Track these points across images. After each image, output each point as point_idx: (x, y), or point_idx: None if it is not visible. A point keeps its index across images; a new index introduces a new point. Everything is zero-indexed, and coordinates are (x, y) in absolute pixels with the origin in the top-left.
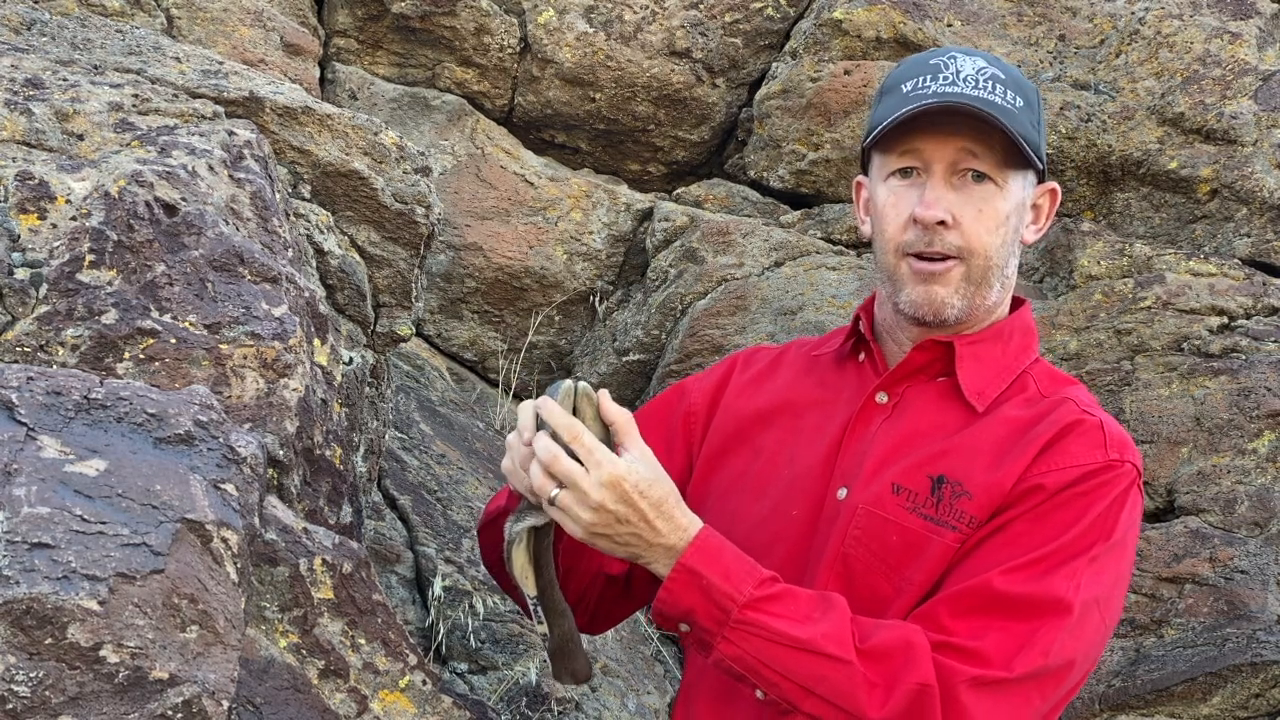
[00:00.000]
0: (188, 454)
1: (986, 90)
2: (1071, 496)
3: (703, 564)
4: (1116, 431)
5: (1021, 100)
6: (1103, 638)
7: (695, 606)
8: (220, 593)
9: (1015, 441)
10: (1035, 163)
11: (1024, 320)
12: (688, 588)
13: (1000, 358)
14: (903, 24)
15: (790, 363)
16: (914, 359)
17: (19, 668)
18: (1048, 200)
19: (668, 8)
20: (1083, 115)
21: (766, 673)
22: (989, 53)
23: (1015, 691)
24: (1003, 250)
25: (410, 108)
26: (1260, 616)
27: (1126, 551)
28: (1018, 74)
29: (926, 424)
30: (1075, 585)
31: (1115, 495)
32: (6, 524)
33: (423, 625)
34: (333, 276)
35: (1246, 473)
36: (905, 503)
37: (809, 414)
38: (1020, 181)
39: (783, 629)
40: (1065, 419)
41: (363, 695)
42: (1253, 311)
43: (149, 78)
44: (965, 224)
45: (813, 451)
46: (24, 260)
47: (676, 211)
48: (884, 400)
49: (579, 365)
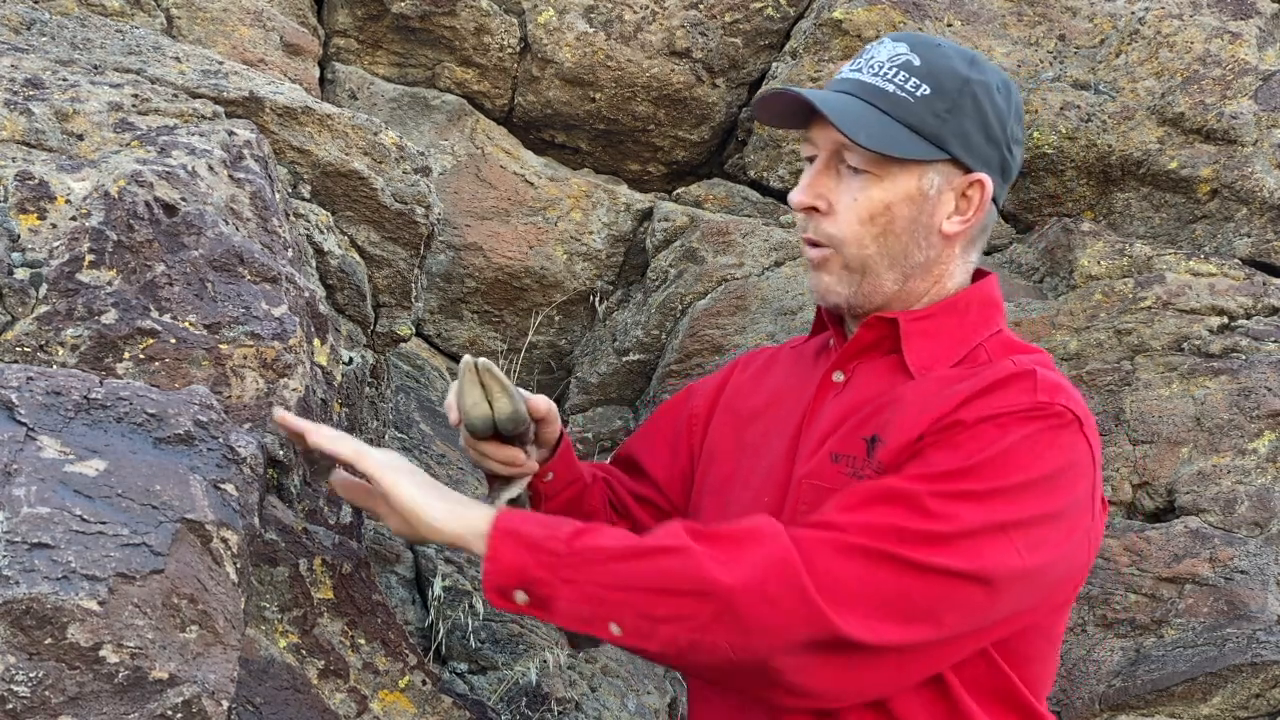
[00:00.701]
0: (188, 454)
1: (884, 77)
2: (988, 426)
3: (516, 523)
4: (1051, 380)
5: (929, 89)
6: (1016, 570)
7: (525, 561)
8: (220, 593)
9: (941, 390)
10: (928, 154)
11: (984, 292)
12: (512, 548)
13: (954, 330)
14: (903, 24)
15: (782, 360)
16: (862, 336)
17: (19, 668)
18: (978, 191)
19: (668, 8)
20: (1083, 115)
21: (614, 596)
22: (937, 37)
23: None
24: (886, 240)
25: (410, 108)
26: (1260, 616)
27: (1057, 491)
28: (948, 62)
29: (869, 393)
30: (982, 507)
31: (1038, 429)
32: (6, 524)
33: (423, 625)
34: (333, 276)
35: (1246, 473)
36: (845, 469)
37: (784, 404)
38: (917, 172)
39: (615, 544)
40: (999, 374)
41: (363, 695)
42: (1253, 311)
43: (149, 78)
44: (839, 212)
45: (782, 437)
46: (24, 260)
47: (676, 211)
48: (840, 379)
49: (579, 365)
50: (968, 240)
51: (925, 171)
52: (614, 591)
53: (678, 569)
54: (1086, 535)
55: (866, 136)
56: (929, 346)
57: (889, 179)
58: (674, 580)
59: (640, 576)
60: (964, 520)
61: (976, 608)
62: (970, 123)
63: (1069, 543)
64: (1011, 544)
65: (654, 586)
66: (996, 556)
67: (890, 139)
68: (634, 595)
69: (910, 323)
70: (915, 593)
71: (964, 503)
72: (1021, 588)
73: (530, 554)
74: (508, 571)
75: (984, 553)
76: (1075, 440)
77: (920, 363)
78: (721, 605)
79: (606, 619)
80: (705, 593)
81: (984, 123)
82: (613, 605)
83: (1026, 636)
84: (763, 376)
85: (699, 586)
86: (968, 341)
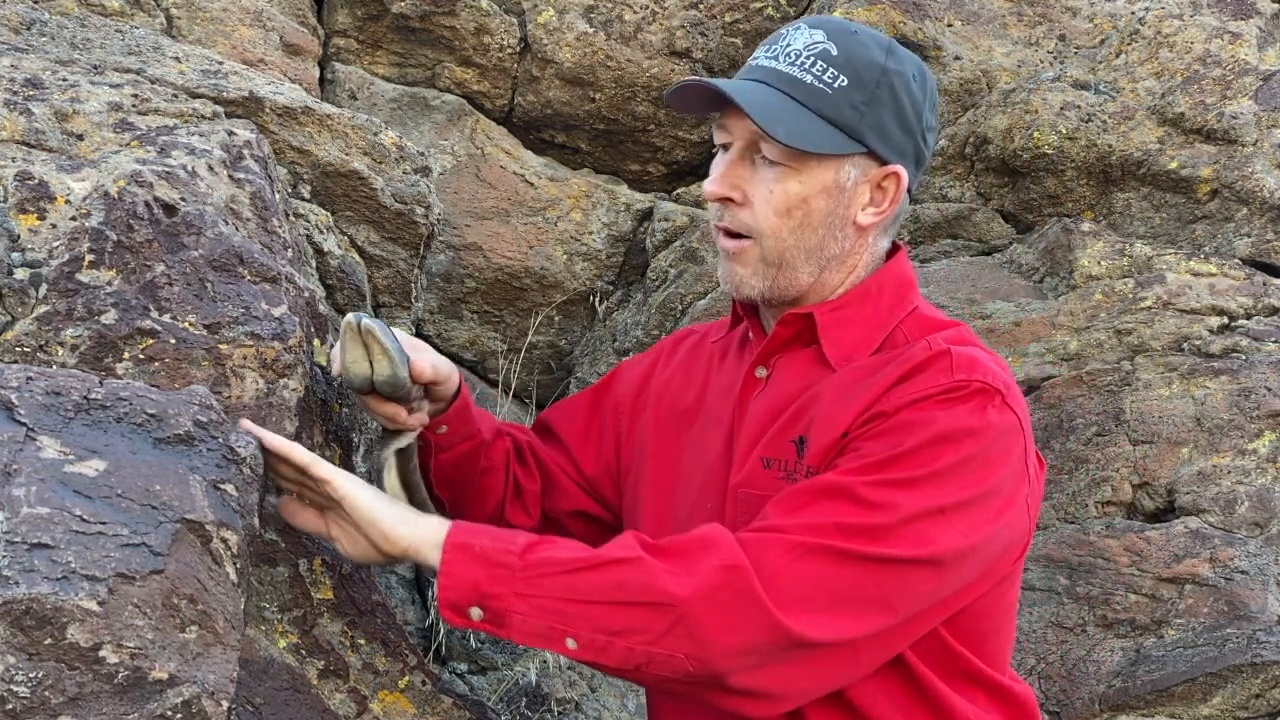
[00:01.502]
0: (187, 454)
1: (801, 67)
2: (910, 413)
3: (467, 536)
4: (966, 357)
5: (846, 80)
6: (962, 548)
7: (479, 576)
8: (220, 593)
9: (861, 381)
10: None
11: (895, 272)
12: (465, 563)
13: (870, 316)
14: (903, 24)
15: (707, 353)
16: (780, 333)
17: (18, 668)
18: (893, 183)
19: (668, 8)
20: (1083, 115)
21: (569, 609)
22: (854, 23)
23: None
24: (802, 232)
25: (410, 108)
26: (1260, 616)
27: (991, 466)
28: (866, 52)
29: (792, 390)
30: (918, 493)
31: (960, 408)
32: (6, 524)
33: (423, 625)
34: (332, 276)
35: (1246, 473)
36: (778, 473)
37: (714, 402)
38: (834, 164)
39: (566, 556)
40: (915, 358)
41: (362, 695)
42: (1253, 311)
43: (149, 78)
44: (755, 204)
45: (715, 439)
46: (24, 260)
47: (676, 211)
48: (763, 374)
49: (579, 365)
50: (880, 230)
51: (842, 164)
52: (569, 604)
53: (631, 580)
54: (1025, 502)
55: (785, 132)
56: (846, 336)
57: (805, 172)
58: (628, 592)
59: (594, 589)
60: (903, 508)
61: (927, 590)
62: (887, 114)
63: (1009, 513)
64: (952, 525)
65: (608, 599)
66: (940, 539)
67: (808, 134)
68: (589, 608)
69: (825, 314)
70: (866, 584)
71: (900, 490)
72: (968, 564)
73: (483, 568)
74: (461, 587)
75: (928, 537)
76: (1000, 413)
77: (839, 354)
78: (675, 616)
79: (563, 634)
80: (659, 604)
81: (900, 114)
82: (568, 619)
83: (978, 611)
84: (691, 370)
85: (653, 598)
86: (884, 326)
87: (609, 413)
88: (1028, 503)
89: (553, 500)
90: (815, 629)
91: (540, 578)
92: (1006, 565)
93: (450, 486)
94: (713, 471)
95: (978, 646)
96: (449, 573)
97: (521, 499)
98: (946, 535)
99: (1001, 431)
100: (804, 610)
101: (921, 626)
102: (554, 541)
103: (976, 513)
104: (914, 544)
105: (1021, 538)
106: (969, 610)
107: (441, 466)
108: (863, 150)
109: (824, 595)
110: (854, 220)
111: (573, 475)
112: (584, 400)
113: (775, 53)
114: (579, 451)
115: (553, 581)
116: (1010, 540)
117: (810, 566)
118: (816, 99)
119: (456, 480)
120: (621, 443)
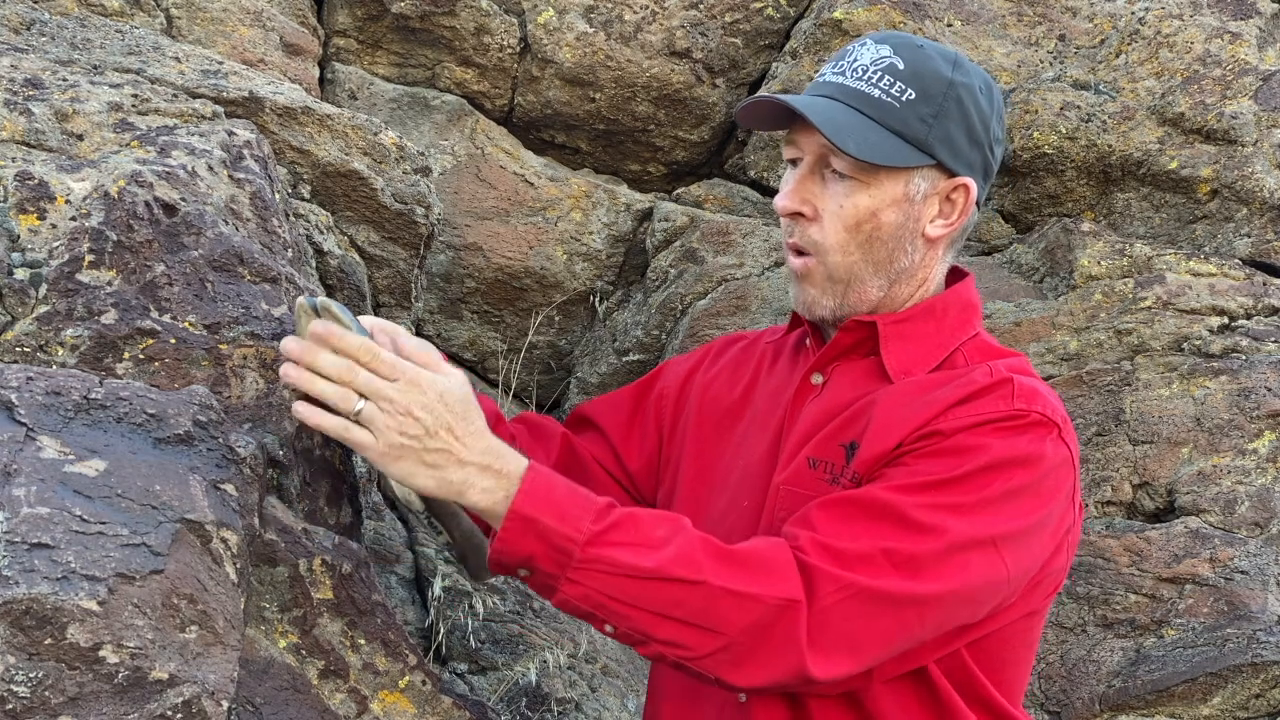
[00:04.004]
0: (187, 454)
1: (869, 82)
2: (967, 437)
3: (535, 508)
4: (1028, 386)
5: (914, 93)
6: (1000, 580)
7: (535, 553)
8: (220, 593)
9: (919, 397)
10: (910, 159)
11: (961, 295)
12: (524, 535)
13: (933, 334)
14: (903, 24)
15: (759, 353)
16: (841, 340)
17: (18, 668)
18: (962, 195)
19: (668, 8)
20: (1083, 115)
21: (616, 606)
22: (919, 38)
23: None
24: (871, 247)
25: (410, 108)
26: (1260, 616)
27: (1040, 498)
28: (931, 65)
29: (847, 398)
30: (968, 520)
31: (1017, 437)
32: (6, 524)
33: (423, 625)
34: (333, 276)
35: (1246, 473)
36: (823, 475)
37: (763, 404)
38: (904, 177)
39: (628, 560)
40: (978, 382)
41: (363, 695)
42: (1253, 311)
43: (149, 78)
44: (824, 219)
45: (761, 440)
46: (24, 260)
47: (676, 211)
48: (818, 381)
49: (579, 365)
50: (949, 243)
51: (911, 177)
52: (620, 604)
53: (689, 602)
54: (1066, 538)
55: (855, 145)
56: (907, 350)
57: (875, 185)
58: (683, 611)
59: (651, 601)
60: (951, 534)
61: (960, 619)
62: (955, 126)
63: (1050, 548)
64: (1000, 556)
65: (663, 612)
66: (983, 571)
67: (877, 147)
68: (639, 614)
69: (889, 326)
70: (910, 624)
71: (950, 515)
72: (1003, 594)
73: (541, 546)
74: (515, 555)
75: (970, 567)
76: (1055, 446)
77: (899, 367)
78: (723, 644)
79: (603, 622)
80: (712, 630)
81: (968, 126)
82: (613, 614)
83: (1003, 639)
84: (739, 370)
85: (708, 624)
86: (946, 345)
87: (653, 406)
88: (1068, 540)
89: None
90: (838, 670)
91: (597, 574)
92: (1038, 600)
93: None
94: (754, 470)
95: (996, 674)
96: (505, 540)
97: None
98: (990, 566)
99: (1056, 464)
100: (837, 655)
101: (945, 647)
102: (621, 527)
103: (1023, 544)
104: (957, 576)
105: (1058, 575)
106: (994, 636)
107: None
108: (931, 162)
109: (864, 641)
110: (923, 233)
111: (613, 470)
112: (628, 395)
113: (843, 68)
114: (623, 446)
115: (608, 580)
116: (1047, 576)
117: (858, 611)
118: (885, 113)
119: None
120: (665, 437)
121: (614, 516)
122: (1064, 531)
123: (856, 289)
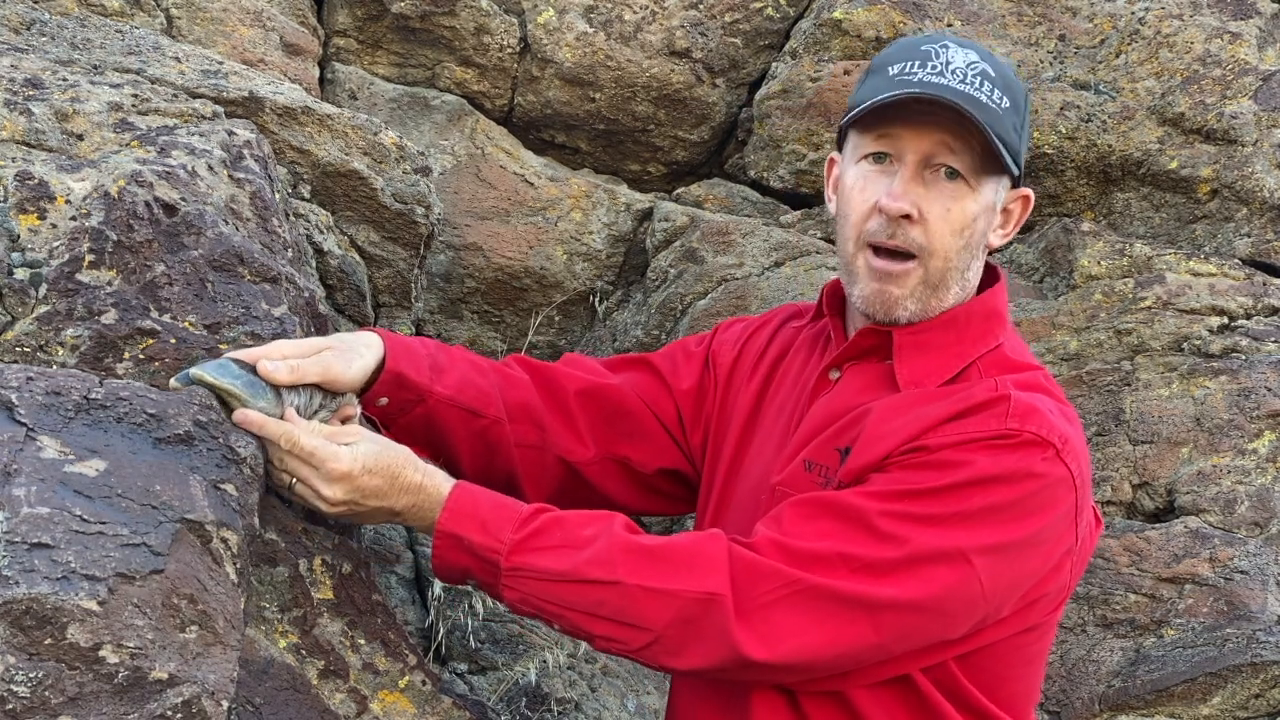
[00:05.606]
0: (187, 454)
1: (973, 86)
2: (953, 453)
3: (458, 525)
4: (1025, 404)
5: (1008, 101)
6: (973, 595)
7: (468, 565)
8: (220, 593)
9: (915, 408)
10: (1011, 167)
11: (987, 304)
12: (453, 550)
13: (952, 345)
14: (903, 24)
15: (780, 340)
16: (857, 344)
17: (18, 668)
18: (1019, 206)
19: (668, 8)
20: (1083, 115)
21: (550, 608)
22: (981, 44)
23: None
24: (964, 254)
25: (410, 108)
26: (1260, 616)
27: (1028, 516)
28: (1008, 72)
29: (854, 401)
30: (936, 532)
31: (1004, 456)
32: (6, 524)
33: (423, 625)
34: (332, 276)
35: (1246, 473)
36: (818, 478)
37: (786, 393)
38: (993, 184)
39: (548, 565)
40: (974, 397)
41: (362, 695)
42: (1253, 311)
43: (149, 78)
44: (930, 221)
45: (774, 431)
46: (24, 260)
47: (676, 211)
48: (835, 377)
49: None
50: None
51: (996, 185)
52: (553, 607)
53: (609, 601)
54: (1069, 557)
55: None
56: (921, 362)
57: (979, 191)
58: (607, 610)
59: (578, 602)
60: (914, 544)
61: (928, 633)
62: (1028, 136)
63: (1044, 566)
64: (972, 571)
65: (591, 612)
66: (949, 584)
67: (998, 152)
68: (573, 613)
69: (904, 336)
70: (862, 628)
71: (916, 526)
72: (981, 612)
73: (471, 559)
74: (451, 569)
75: (934, 579)
76: (1050, 465)
77: (910, 378)
78: (650, 639)
79: (549, 621)
80: (635, 625)
81: (1029, 135)
82: (552, 615)
83: (996, 655)
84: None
85: (630, 619)
86: (965, 357)
87: (709, 374)
88: (1071, 558)
89: (641, 453)
90: (777, 655)
91: (525, 579)
92: (1037, 616)
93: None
94: (767, 467)
95: (993, 690)
96: (439, 556)
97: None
98: (959, 580)
99: (1049, 483)
100: (777, 645)
101: (928, 659)
102: (545, 532)
103: (1004, 560)
104: (916, 586)
105: (1059, 592)
106: (985, 652)
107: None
108: (1016, 172)
109: (809, 636)
110: (989, 243)
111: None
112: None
113: (938, 68)
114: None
115: (536, 584)
116: (1044, 594)
117: (804, 607)
118: (992, 118)
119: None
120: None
121: (537, 523)
122: (1063, 551)
123: (941, 294)
